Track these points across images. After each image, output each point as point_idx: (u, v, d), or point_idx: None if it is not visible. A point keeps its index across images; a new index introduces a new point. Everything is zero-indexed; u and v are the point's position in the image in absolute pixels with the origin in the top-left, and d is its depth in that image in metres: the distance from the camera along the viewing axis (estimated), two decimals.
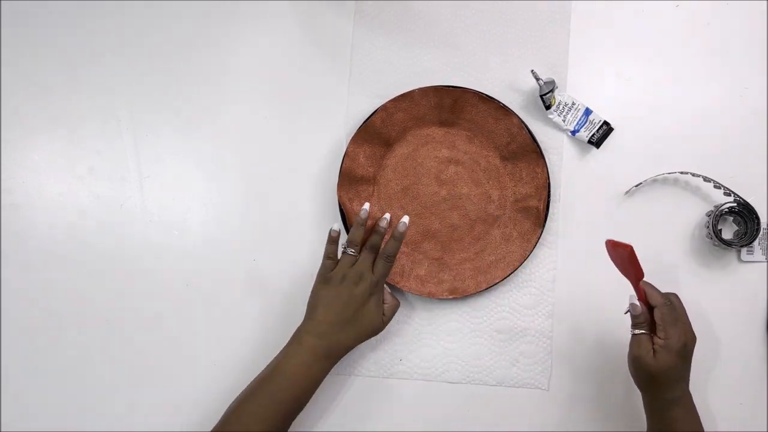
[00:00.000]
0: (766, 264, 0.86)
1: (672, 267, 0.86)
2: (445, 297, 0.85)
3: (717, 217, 0.83)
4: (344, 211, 0.86)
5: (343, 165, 0.86)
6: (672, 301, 0.73)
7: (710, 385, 0.85)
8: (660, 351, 0.71)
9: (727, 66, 0.88)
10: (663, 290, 0.86)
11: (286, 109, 0.90)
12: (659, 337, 0.71)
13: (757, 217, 0.83)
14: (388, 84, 0.89)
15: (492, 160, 0.87)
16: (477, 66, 0.89)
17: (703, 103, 0.88)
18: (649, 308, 0.73)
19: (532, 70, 0.85)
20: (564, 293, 0.87)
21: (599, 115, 0.87)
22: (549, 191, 0.85)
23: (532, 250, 0.85)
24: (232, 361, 0.87)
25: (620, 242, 0.71)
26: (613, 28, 0.89)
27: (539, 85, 0.85)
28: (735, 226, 0.86)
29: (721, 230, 0.84)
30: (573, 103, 0.87)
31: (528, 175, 0.86)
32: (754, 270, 0.86)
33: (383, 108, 0.86)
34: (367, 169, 0.87)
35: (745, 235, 0.84)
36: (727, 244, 0.83)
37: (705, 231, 0.85)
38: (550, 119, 0.87)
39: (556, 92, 0.86)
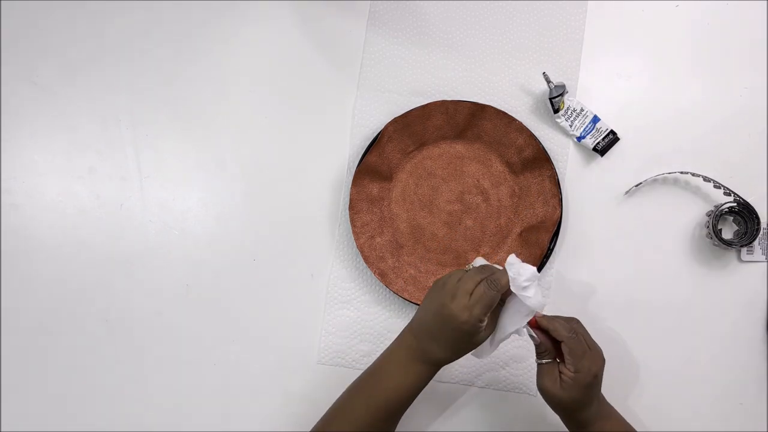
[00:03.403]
0: (766, 264, 0.86)
1: (672, 267, 0.86)
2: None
3: (717, 217, 0.83)
4: (352, 201, 0.86)
5: (371, 153, 0.86)
6: (577, 331, 0.71)
7: (710, 385, 0.85)
8: (568, 383, 0.69)
9: (727, 66, 0.88)
10: (661, 289, 0.86)
11: (288, 109, 0.90)
12: (568, 369, 0.69)
13: (757, 217, 0.83)
14: (399, 84, 0.89)
15: (507, 184, 0.88)
16: (489, 67, 0.89)
17: (703, 103, 0.88)
18: (554, 340, 0.71)
19: (543, 73, 0.85)
20: (559, 298, 0.87)
21: (606, 124, 0.87)
22: (558, 229, 0.85)
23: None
24: (232, 361, 0.87)
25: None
26: (614, 28, 0.90)
27: (549, 87, 0.85)
28: (735, 226, 0.86)
29: (721, 230, 0.84)
30: (581, 110, 0.87)
31: (541, 210, 0.86)
32: (754, 270, 0.86)
33: (423, 107, 0.86)
34: (390, 162, 0.87)
35: (745, 234, 0.84)
36: (727, 244, 0.83)
37: (705, 231, 0.85)
38: (557, 123, 0.87)
39: (565, 97, 0.86)
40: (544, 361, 0.72)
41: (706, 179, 0.84)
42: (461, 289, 0.69)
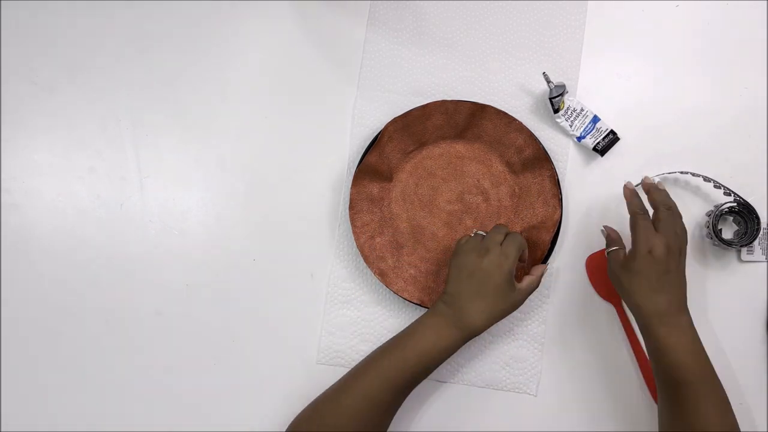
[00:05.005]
0: (766, 264, 0.86)
1: None
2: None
3: (717, 217, 0.83)
4: (352, 201, 0.85)
5: (372, 153, 0.85)
6: (639, 214, 0.75)
7: None
8: (628, 260, 0.74)
9: (727, 66, 0.88)
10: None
11: (288, 108, 0.90)
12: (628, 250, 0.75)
13: (757, 217, 0.83)
14: (399, 84, 0.89)
15: (507, 184, 0.88)
16: (489, 67, 0.89)
17: (703, 103, 0.88)
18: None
19: (543, 73, 0.85)
20: (559, 299, 0.87)
21: (606, 124, 0.87)
22: (558, 229, 0.85)
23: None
24: (232, 361, 0.87)
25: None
26: (614, 28, 0.90)
27: (549, 87, 0.85)
28: (735, 226, 0.86)
29: (721, 230, 0.84)
30: (581, 110, 0.87)
31: (541, 210, 0.86)
32: (754, 270, 0.86)
33: (423, 107, 0.85)
34: (390, 162, 0.87)
35: (745, 234, 0.84)
36: (727, 244, 0.83)
37: (705, 231, 0.85)
38: (557, 123, 0.87)
39: (565, 97, 0.86)
40: (611, 249, 0.78)
41: (706, 179, 0.84)
42: (491, 243, 0.76)
